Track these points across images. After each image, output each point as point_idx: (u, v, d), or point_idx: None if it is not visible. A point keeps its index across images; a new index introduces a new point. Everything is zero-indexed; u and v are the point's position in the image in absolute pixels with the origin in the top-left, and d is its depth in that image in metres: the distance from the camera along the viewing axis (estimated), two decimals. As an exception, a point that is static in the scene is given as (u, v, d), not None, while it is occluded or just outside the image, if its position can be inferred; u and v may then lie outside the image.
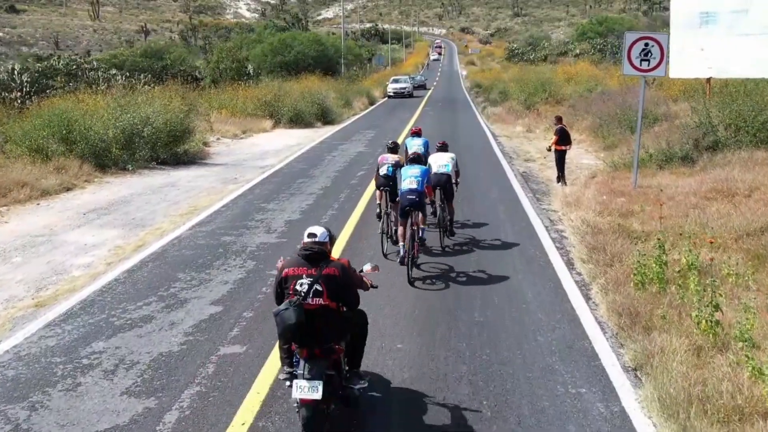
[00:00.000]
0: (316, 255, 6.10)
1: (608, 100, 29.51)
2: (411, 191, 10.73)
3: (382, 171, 11.92)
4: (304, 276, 6.01)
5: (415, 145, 13.57)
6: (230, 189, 18.17)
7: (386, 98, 56.35)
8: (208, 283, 10.22)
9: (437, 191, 12.12)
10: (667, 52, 15.59)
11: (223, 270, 10.85)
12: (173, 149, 22.90)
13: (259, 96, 35.40)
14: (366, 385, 6.49)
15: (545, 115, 34.88)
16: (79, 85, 34.99)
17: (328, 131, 33.06)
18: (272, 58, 60.30)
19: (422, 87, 67.90)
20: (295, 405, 6.02)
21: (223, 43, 45.22)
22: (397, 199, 11.23)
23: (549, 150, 18.73)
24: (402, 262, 10.66)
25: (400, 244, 10.82)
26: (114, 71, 37.30)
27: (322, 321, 5.99)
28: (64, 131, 20.39)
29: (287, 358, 6.20)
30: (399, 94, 56.50)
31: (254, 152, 25.79)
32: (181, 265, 11.18)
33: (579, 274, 10.58)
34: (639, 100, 16.39)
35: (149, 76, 38.77)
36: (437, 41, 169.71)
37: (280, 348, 6.26)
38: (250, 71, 48.15)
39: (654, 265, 9.63)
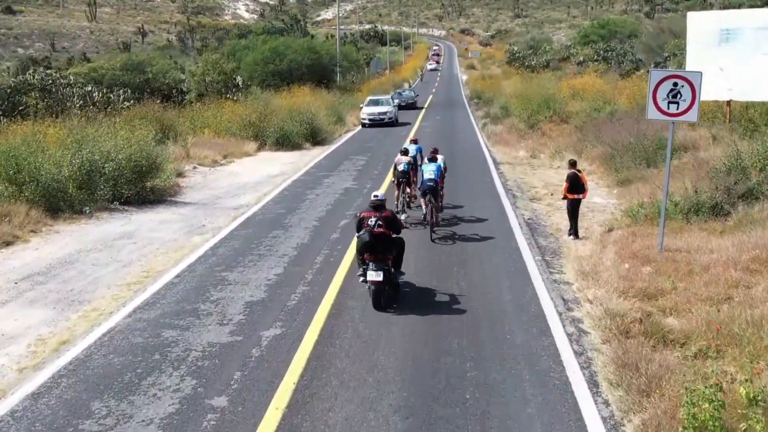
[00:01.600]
0: (379, 206, 11.64)
1: (619, 124, 27.20)
2: (429, 180, 16.21)
3: (400, 168, 17.61)
4: (372, 217, 11.41)
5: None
6: (193, 243, 15.83)
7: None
8: (125, 424, 7.85)
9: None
10: (699, 93, 13.24)
11: (152, 396, 8.46)
12: (140, 186, 20.59)
13: (243, 115, 33.02)
14: (404, 278, 12.09)
15: (549, 135, 32.63)
16: (52, 102, 32.88)
17: (316, 156, 30.70)
18: (264, 67, 58.11)
19: (412, 106, 53.43)
20: (367, 287, 11.28)
21: (209, 53, 42.64)
22: (418, 187, 17.00)
23: (563, 199, 16.37)
24: (424, 218, 16.28)
25: (423, 207, 16.34)
26: (90, 87, 34.94)
27: (382, 241, 11.24)
28: (12, 171, 18.10)
29: (362, 263, 11.43)
30: (377, 122, 41.37)
31: (231, 185, 23.46)
32: (101, 385, 8.81)
33: (606, 403, 8.23)
34: (666, 151, 14.00)
35: (128, 91, 36.45)
36: (434, 48, 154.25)
37: (358, 258, 11.64)
38: (239, 83, 45.75)
39: (707, 405, 7.31)
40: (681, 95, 13.21)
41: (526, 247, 14.89)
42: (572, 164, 16.27)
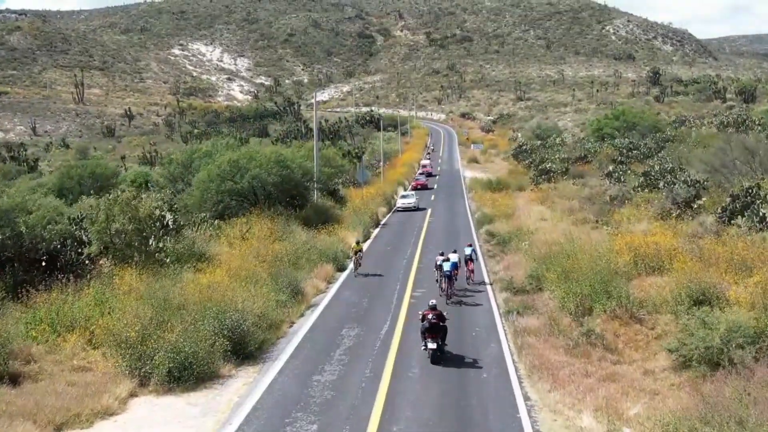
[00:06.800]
0: (434, 308, 21.64)
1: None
2: (450, 271, 28.40)
3: (439, 263, 29.58)
4: (431, 313, 21.29)
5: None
6: None
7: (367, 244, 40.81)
8: None
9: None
10: None
11: None
12: None
13: (115, 330, 20.22)
14: (447, 348, 21.56)
15: (620, 350, 20.04)
16: None
17: (234, 405, 17.91)
18: (219, 185, 45.84)
19: None
20: (426, 352, 21.01)
21: (114, 197, 29.75)
22: (442, 273, 28.97)
23: None
24: (446, 295, 28.51)
25: (446, 289, 28.70)
26: None
27: (436, 326, 21.05)
28: None
29: (424, 339, 21.13)
30: None
31: None
32: None
33: None
34: None
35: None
36: (423, 163, 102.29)
37: (422, 335, 21.23)
38: (169, 223, 33.23)
39: None
40: None
41: None
42: None
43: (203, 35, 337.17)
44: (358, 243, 35.12)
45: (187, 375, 19.14)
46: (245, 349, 21.67)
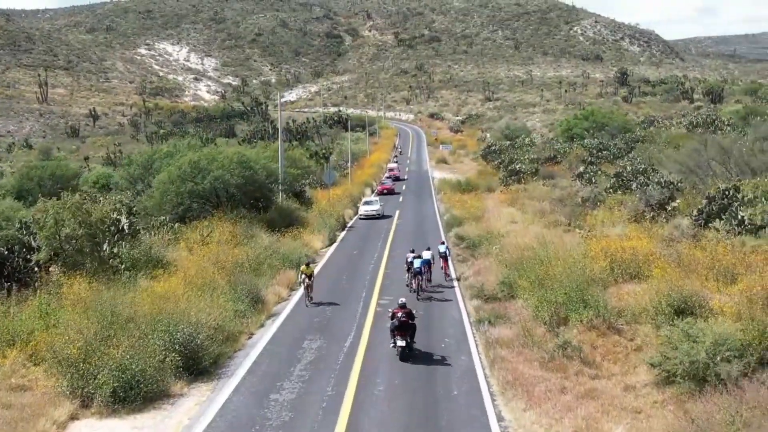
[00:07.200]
0: (404, 306, 21.67)
1: None
2: (418, 268, 28.62)
3: (410, 260, 29.27)
4: (400, 311, 21.17)
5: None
6: None
7: (329, 255, 39.37)
8: None
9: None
10: None
11: None
12: None
13: (56, 344, 18.66)
14: (415, 345, 21.49)
15: (598, 364, 18.90)
16: None
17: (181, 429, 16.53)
18: (180, 186, 44.08)
19: None
20: (395, 350, 20.88)
21: (68, 197, 28.15)
22: (412, 270, 29.10)
23: None
24: (415, 292, 28.62)
25: (413, 285, 28.97)
26: None
27: (405, 324, 20.94)
28: None
29: (393, 337, 21.00)
30: None
31: None
32: None
33: None
34: None
35: None
36: (391, 164, 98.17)
37: (391, 332, 21.08)
38: (124, 227, 31.61)
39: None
40: None
41: None
42: None
43: (170, 35, 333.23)
44: (308, 265, 29.24)
45: (134, 395, 17.63)
46: (199, 365, 20.19)
